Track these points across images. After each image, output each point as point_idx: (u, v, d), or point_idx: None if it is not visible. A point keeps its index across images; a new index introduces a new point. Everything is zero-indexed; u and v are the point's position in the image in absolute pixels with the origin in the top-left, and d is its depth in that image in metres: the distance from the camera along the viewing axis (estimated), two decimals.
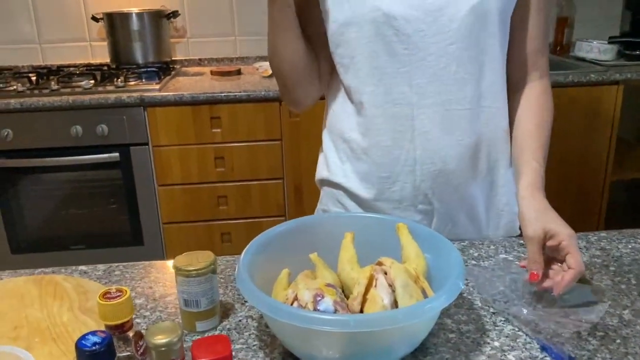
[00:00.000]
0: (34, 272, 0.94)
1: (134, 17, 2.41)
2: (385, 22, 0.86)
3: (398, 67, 0.89)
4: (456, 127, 0.92)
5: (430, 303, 0.61)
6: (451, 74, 0.89)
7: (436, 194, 0.95)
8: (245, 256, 0.72)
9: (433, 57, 0.88)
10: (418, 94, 0.90)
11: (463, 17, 0.86)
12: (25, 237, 2.22)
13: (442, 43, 0.87)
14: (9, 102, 2.04)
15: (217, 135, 2.16)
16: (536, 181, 0.87)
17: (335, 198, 1.05)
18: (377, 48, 0.89)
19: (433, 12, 0.86)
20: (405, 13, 0.86)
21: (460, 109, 0.91)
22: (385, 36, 0.87)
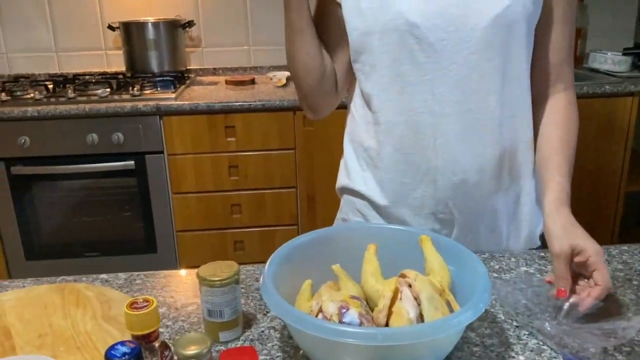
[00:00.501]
0: (56, 280, 0.94)
1: (150, 27, 2.44)
2: (408, 30, 0.87)
3: (420, 76, 0.89)
4: (478, 137, 0.91)
5: (458, 317, 0.61)
6: (473, 83, 0.88)
7: (457, 204, 0.95)
8: (269, 267, 0.73)
9: (455, 66, 0.88)
10: (440, 103, 0.90)
11: (486, 27, 0.86)
12: (40, 244, 2.24)
13: (464, 52, 0.87)
14: (27, 110, 2.06)
15: (231, 144, 2.17)
16: (562, 196, 0.86)
17: (354, 207, 1.05)
18: (400, 56, 0.89)
19: (455, 21, 0.86)
20: (427, 21, 0.86)
21: (483, 118, 0.90)
22: (408, 44, 0.88)
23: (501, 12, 0.85)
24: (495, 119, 0.91)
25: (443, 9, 0.86)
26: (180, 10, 2.59)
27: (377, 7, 0.88)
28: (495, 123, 0.91)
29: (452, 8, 0.86)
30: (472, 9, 0.86)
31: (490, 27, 0.86)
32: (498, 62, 0.88)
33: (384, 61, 0.90)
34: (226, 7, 2.61)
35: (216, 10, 2.62)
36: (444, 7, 0.86)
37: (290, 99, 2.15)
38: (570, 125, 0.95)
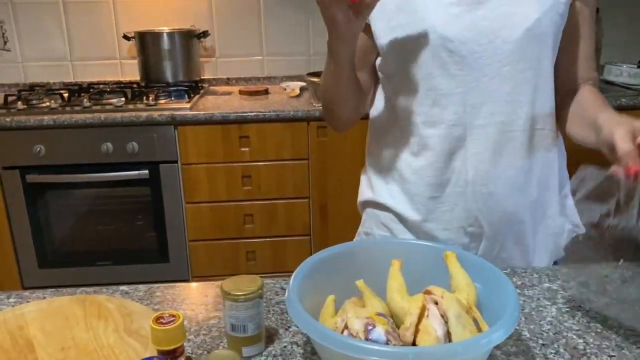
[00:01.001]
0: (76, 291, 0.94)
1: (165, 37, 2.45)
2: (441, 44, 0.88)
3: (453, 88, 0.90)
4: (509, 149, 0.92)
5: (489, 336, 0.60)
6: (505, 95, 0.89)
7: (486, 216, 0.95)
8: (294, 281, 0.72)
9: (487, 79, 0.89)
10: (472, 115, 0.90)
11: (517, 40, 0.87)
12: (52, 252, 2.24)
13: (496, 64, 0.88)
14: (42, 119, 2.08)
15: (245, 154, 2.18)
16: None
17: (379, 220, 1.05)
18: (432, 70, 0.89)
19: (488, 34, 0.87)
20: (460, 35, 0.87)
21: (514, 130, 0.91)
22: (441, 58, 0.88)
23: (532, 25, 0.87)
24: (526, 131, 0.92)
25: (475, 23, 0.87)
26: (195, 20, 2.61)
27: (407, 24, 0.89)
28: (525, 135, 0.92)
29: (484, 22, 0.87)
30: (504, 23, 0.87)
31: (522, 39, 0.87)
32: (529, 74, 0.90)
33: (416, 75, 0.91)
34: (240, 18, 2.63)
35: (230, 20, 2.63)
36: (476, 21, 0.87)
37: (304, 109, 2.15)
38: (602, 98, 0.94)
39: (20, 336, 0.79)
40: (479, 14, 0.87)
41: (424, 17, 0.88)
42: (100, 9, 2.58)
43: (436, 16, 0.88)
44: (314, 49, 2.69)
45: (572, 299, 0.82)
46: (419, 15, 0.89)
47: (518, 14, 0.87)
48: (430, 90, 0.91)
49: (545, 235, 1.01)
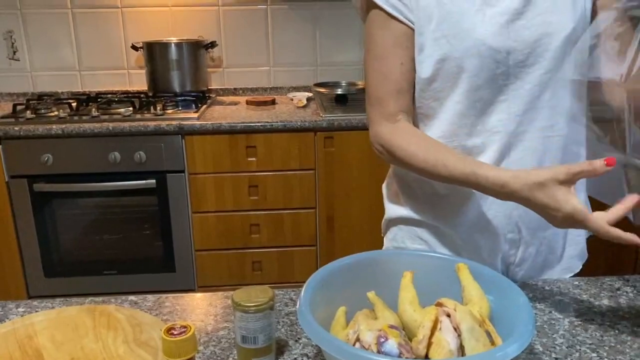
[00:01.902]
0: (85, 300, 0.94)
1: (173, 47, 2.47)
2: (490, 55, 0.88)
3: (498, 97, 0.91)
4: (548, 154, 0.94)
5: (504, 350, 0.59)
6: (545, 102, 0.92)
7: (525, 222, 0.96)
8: (305, 292, 0.72)
9: (530, 86, 0.90)
10: (515, 123, 0.92)
11: (557, 48, 0.89)
12: (59, 261, 2.24)
13: (537, 72, 0.90)
14: (51, 128, 2.09)
15: (252, 164, 2.18)
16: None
17: (415, 235, 1.04)
18: (479, 81, 0.90)
19: (531, 43, 0.89)
20: (507, 45, 0.88)
21: (553, 136, 0.93)
22: (489, 69, 0.89)
23: (569, 33, 0.89)
24: (563, 136, 0.94)
25: (518, 33, 0.89)
26: (203, 31, 2.63)
27: (453, 35, 0.89)
28: (563, 140, 0.94)
29: (525, 31, 0.89)
30: (544, 32, 0.89)
31: (561, 47, 0.89)
32: (565, 80, 0.91)
33: (462, 87, 0.91)
34: (248, 29, 2.64)
35: (238, 31, 2.65)
36: (519, 31, 0.89)
37: (311, 119, 2.15)
38: None
39: (30, 346, 0.79)
40: (521, 24, 0.89)
41: (470, 29, 0.88)
42: (108, 19, 2.60)
43: (483, 28, 0.88)
44: (320, 59, 2.70)
45: None
46: (464, 27, 0.88)
47: (555, 23, 0.89)
48: (477, 101, 0.91)
49: (573, 236, 1.03)
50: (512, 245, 0.98)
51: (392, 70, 0.93)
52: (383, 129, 0.95)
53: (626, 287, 0.96)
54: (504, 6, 0.88)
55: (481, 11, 0.89)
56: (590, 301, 0.91)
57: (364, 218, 2.27)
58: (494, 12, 0.89)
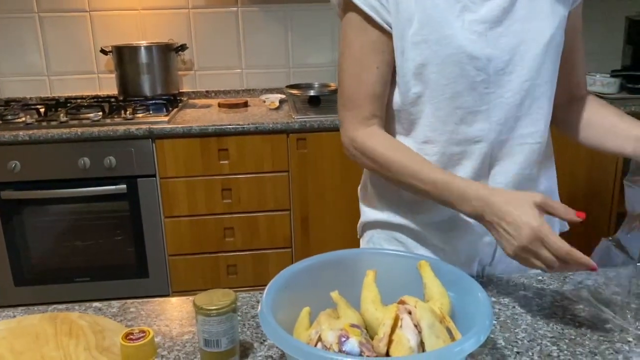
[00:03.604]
0: (47, 309, 0.92)
1: (142, 50, 2.44)
2: (470, 63, 0.88)
3: (479, 106, 0.91)
4: (523, 160, 0.95)
5: (461, 345, 0.60)
6: (525, 108, 0.92)
7: None
8: (267, 295, 0.71)
9: (510, 94, 0.91)
10: (495, 131, 0.92)
11: (536, 55, 0.90)
12: (29, 270, 2.20)
13: (518, 80, 0.90)
14: (18, 134, 2.05)
15: (224, 167, 2.17)
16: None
17: (391, 237, 1.04)
18: (460, 88, 0.90)
19: (508, 50, 0.89)
20: (487, 52, 0.88)
21: (532, 142, 0.95)
22: (469, 77, 0.89)
23: (548, 40, 0.90)
24: (541, 143, 0.96)
25: (497, 40, 0.89)
26: (173, 34, 2.61)
27: (433, 40, 0.88)
28: (541, 146, 0.96)
29: (504, 39, 0.89)
30: (523, 39, 0.89)
31: (540, 55, 0.90)
32: (546, 87, 0.93)
33: (443, 94, 0.91)
34: (219, 31, 2.63)
35: (209, 33, 2.63)
36: (498, 39, 0.89)
37: (284, 121, 2.15)
38: (613, 108, 1.01)
39: None
40: (499, 31, 0.89)
41: (450, 36, 0.87)
42: (77, 23, 2.57)
43: (462, 35, 0.87)
44: (293, 61, 2.70)
45: None
46: (444, 33, 0.87)
47: (534, 31, 0.89)
48: (458, 108, 0.91)
49: None
50: (489, 246, 0.99)
51: (368, 74, 0.92)
52: (359, 133, 0.94)
53: (588, 281, 0.97)
54: (482, 13, 0.88)
55: (460, 17, 0.88)
56: (553, 295, 0.93)
57: (339, 219, 2.27)
58: (473, 19, 0.88)
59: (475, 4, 0.88)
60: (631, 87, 2.49)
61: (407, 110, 0.94)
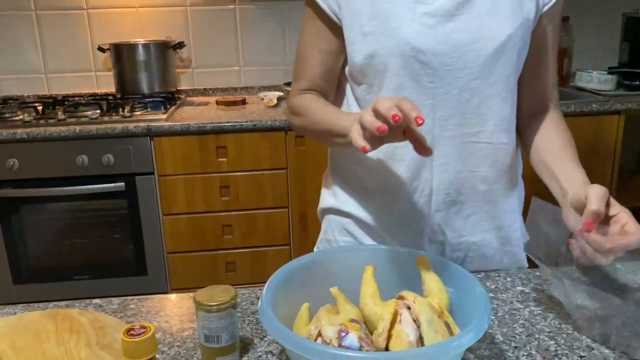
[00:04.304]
0: (48, 305, 0.93)
1: (140, 48, 2.44)
2: (413, 55, 0.88)
3: (423, 100, 0.90)
4: (474, 161, 0.93)
5: (459, 340, 0.60)
6: (473, 107, 0.91)
7: (449, 224, 0.96)
8: (267, 290, 0.72)
9: (457, 91, 0.89)
10: (440, 127, 0.91)
11: (489, 54, 0.88)
12: (28, 268, 2.20)
13: (467, 78, 0.89)
14: (16, 132, 2.05)
15: (222, 165, 2.17)
16: (585, 179, 0.87)
17: (342, 227, 1.05)
18: (404, 81, 0.90)
19: (460, 47, 0.87)
20: (433, 47, 0.87)
21: (480, 142, 0.93)
22: (413, 69, 0.89)
23: (504, 40, 0.88)
24: (492, 144, 0.93)
25: (448, 35, 0.87)
26: (171, 31, 2.60)
27: (381, 32, 0.89)
28: (491, 147, 0.93)
29: (456, 34, 0.87)
30: (476, 37, 0.87)
31: (493, 54, 0.88)
32: (498, 88, 0.91)
33: (388, 85, 0.91)
34: (217, 29, 2.63)
35: (207, 31, 2.63)
36: (449, 34, 0.87)
37: (282, 119, 2.15)
38: (567, 133, 0.98)
39: None
40: (452, 26, 0.87)
41: (396, 27, 0.87)
42: (74, 21, 2.56)
43: (409, 27, 0.87)
44: (290, 58, 2.70)
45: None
46: (391, 25, 0.88)
47: (490, 29, 0.87)
48: None
49: (508, 249, 1.02)
50: (437, 246, 0.99)
51: (310, 57, 0.99)
52: (293, 99, 1.03)
53: (584, 277, 0.98)
54: (435, 6, 0.87)
55: (412, 9, 0.87)
56: (550, 290, 0.93)
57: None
58: (425, 11, 0.87)
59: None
60: (628, 84, 2.50)
61: (363, 98, 0.97)
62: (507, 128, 0.95)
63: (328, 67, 0.99)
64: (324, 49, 0.97)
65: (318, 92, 1.01)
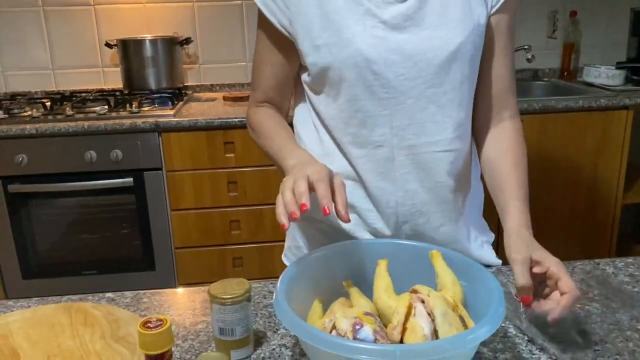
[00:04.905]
0: (61, 299, 0.93)
1: (147, 44, 2.44)
2: (366, 66, 0.87)
3: (380, 110, 0.90)
4: (435, 168, 0.93)
5: (475, 332, 0.61)
6: (430, 116, 0.90)
7: (417, 234, 0.96)
8: (281, 284, 0.72)
9: (412, 101, 0.89)
10: (398, 136, 0.91)
11: (441, 62, 0.88)
12: (37, 263, 2.22)
13: (421, 87, 0.89)
14: (25, 128, 2.05)
15: (230, 160, 2.17)
16: (521, 220, 0.86)
17: (309, 232, 1.04)
18: (359, 91, 0.89)
19: (412, 56, 0.87)
20: (385, 57, 0.87)
21: (439, 150, 0.92)
22: (367, 80, 0.88)
23: (455, 48, 0.88)
24: (452, 151, 0.93)
25: (399, 45, 0.87)
26: (178, 27, 2.60)
27: (333, 44, 0.88)
28: (451, 155, 0.93)
29: (408, 44, 0.87)
30: (428, 46, 0.87)
31: (445, 62, 0.88)
32: (453, 95, 0.90)
33: (344, 95, 0.91)
34: (223, 24, 2.63)
35: (213, 27, 2.63)
36: (400, 44, 0.87)
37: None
38: (519, 151, 0.96)
39: (5, 345, 0.78)
40: (403, 37, 0.87)
41: (349, 39, 0.87)
42: (81, 17, 2.57)
43: (361, 39, 0.87)
44: None
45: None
46: (343, 37, 0.87)
47: (441, 38, 0.87)
48: (358, 111, 0.91)
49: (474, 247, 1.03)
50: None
51: (262, 68, 1.00)
52: (251, 111, 1.03)
53: (596, 271, 0.98)
54: (385, 18, 0.87)
55: (362, 21, 0.87)
56: None
57: None
58: (375, 22, 0.87)
59: (379, 8, 0.87)
60: (636, 79, 2.49)
61: (318, 110, 0.96)
62: (463, 133, 0.95)
63: (279, 79, 0.99)
64: (275, 62, 0.97)
65: (273, 106, 1.02)
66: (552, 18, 2.75)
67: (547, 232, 2.31)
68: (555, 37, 2.77)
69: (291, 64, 0.98)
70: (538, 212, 2.37)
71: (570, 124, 2.28)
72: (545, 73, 2.82)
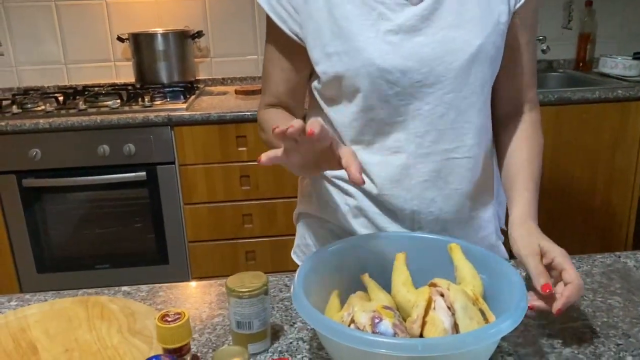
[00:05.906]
0: (77, 293, 0.93)
1: (159, 38, 2.44)
2: (380, 76, 0.83)
3: (395, 117, 0.87)
4: (454, 176, 0.90)
5: (497, 326, 0.59)
6: (449, 122, 0.87)
7: None
8: (299, 277, 0.72)
9: (430, 107, 0.86)
10: (415, 143, 0.88)
11: (461, 66, 0.84)
12: (51, 257, 2.23)
13: (439, 92, 0.85)
14: (38, 122, 2.06)
15: (242, 154, 2.17)
16: (528, 210, 0.85)
17: (319, 232, 1.03)
18: (373, 101, 0.86)
19: (429, 61, 0.83)
20: (400, 65, 0.83)
21: (459, 157, 0.89)
22: (381, 90, 0.85)
23: (475, 50, 0.84)
24: (471, 158, 0.90)
25: (415, 51, 0.83)
26: (189, 21, 2.60)
27: (344, 52, 0.84)
28: (471, 161, 0.90)
29: (424, 48, 0.83)
30: (446, 49, 0.83)
31: (465, 66, 0.84)
32: (474, 99, 0.87)
33: (356, 105, 0.87)
34: (234, 17, 2.62)
35: (224, 20, 2.63)
36: (416, 49, 0.83)
37: None
38: (535, 143, 0.94)
39: (23, 339, 0.78)
40: (419, 40, 0.83)
41: (360, 48, 0.83)
42: (93, 11, 2.57)
43: (373, 47, 0.83)
44: None
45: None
46: (354, 45, 0.83)
47: (459, 39, 0.83)
48: (372, 120, 0.88)
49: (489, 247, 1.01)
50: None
51: (272, 73, 0.95)
52: (260, 112, 0.99)
53: (617, 264, 0.97)
54: (399, 22, 0.83)
55: (374, 27, 0.83)
56: (583, 278, 0.91)
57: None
58: (388, 29, 0.83)
59: (393, 11, 0.83)
60: None
61: (331, 117, 0.93)
62: (484, 138, 0.92)
63: (291, 85, 0.95)
64: (286, 67, 0.93)
65: (284, 107, 0.98)
66: (567, 8, 2.71)
67: (563, 225, 2.29)
68: (570, 27, 2.73)
69: (303, 69, 0.94)
70: (554, 205, 2.35)
71: (586, 115, 2.25)
72: (560, 64, 2.78)
